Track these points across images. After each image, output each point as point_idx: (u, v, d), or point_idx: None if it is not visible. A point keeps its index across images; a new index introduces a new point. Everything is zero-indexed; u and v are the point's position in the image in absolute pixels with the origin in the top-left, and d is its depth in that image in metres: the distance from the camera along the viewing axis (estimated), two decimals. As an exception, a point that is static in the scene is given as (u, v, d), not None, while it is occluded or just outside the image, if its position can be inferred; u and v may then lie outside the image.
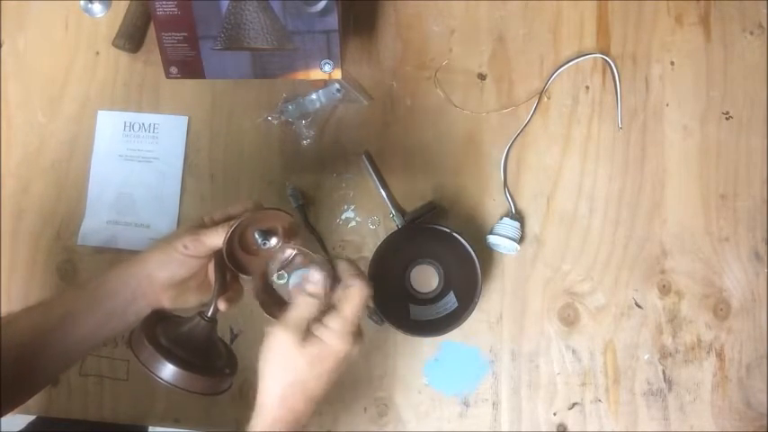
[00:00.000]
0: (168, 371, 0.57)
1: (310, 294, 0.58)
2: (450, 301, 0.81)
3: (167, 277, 0.62)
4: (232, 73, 0.76)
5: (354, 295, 0.58)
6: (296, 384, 0.56)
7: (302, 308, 0.57)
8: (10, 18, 0.89)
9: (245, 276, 0.65)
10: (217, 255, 0.62)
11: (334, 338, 0.56)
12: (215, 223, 0.63)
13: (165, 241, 0.62)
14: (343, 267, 0.60)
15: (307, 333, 0.56)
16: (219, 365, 0.63)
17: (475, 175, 0.85)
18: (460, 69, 0.86)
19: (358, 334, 0.58)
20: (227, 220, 0.62)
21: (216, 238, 0.61)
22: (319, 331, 0.57)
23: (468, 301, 0.77)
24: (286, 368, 0.56)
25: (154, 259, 0.62)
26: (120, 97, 0.87)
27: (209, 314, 0.61)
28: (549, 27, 0.86)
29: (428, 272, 0.84)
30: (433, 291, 0.83)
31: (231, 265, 0.63)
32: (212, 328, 0.62)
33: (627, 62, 0.86)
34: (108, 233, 0.86)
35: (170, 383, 0.57)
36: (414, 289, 0.83)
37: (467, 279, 0.78)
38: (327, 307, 0.58)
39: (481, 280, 0.77)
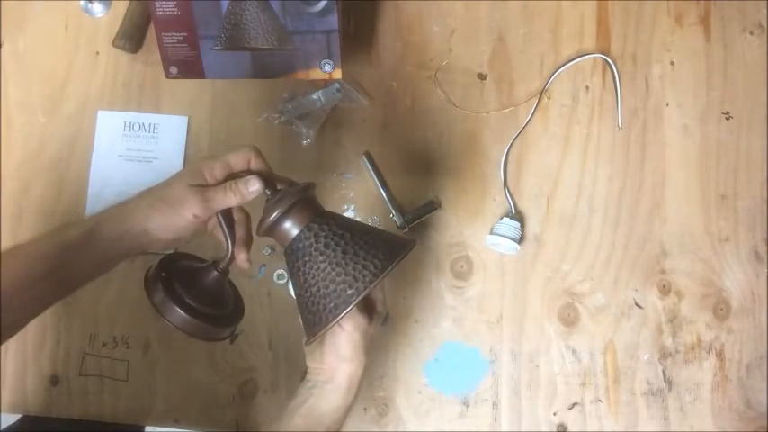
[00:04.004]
0: (177, 316, 0.60)
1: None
2: None
3: (170, 239, 0.61)
4: (232, 73, 0.76)
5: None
6: (364, 369, 0.64)
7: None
8: (10, 18, 0.89)
9: None
10: (224, 210, 0.62)
11: (376, 326, 0.66)
12: (217, 180, 0.61)
13: (166, 203, 0.59)
14: None
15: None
16: (225, 315, 0.65)
17: (475, 175, 0.85)
18: (460, 69, 0.86)
19: None
20: (229, 173, 0.61)
21: (225, 200, 0.60)
22: (375, 316, 0.65)
23: None
24: (365, 347, 0.64)
25: (156, 221, 0.59)
26: (120, 97, 0.87)
27: (223, 266, 0.63)
28: (549, 27, 0.86)
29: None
30: None
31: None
32: (224, 278, 0.64)
33: (627, 62, 0.86)
34: (108, 233, 0.85)
35: (178, 328, 0.60)
36: None
37: None
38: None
39: None
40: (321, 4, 0.71)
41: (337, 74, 0.75)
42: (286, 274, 0.62)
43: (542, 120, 0.85)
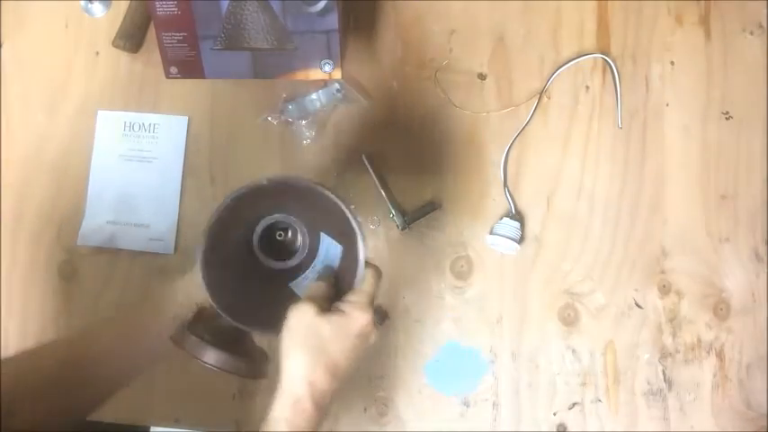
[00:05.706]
0: (213, 356, 0.61)
1: (319, 278, 0.63)
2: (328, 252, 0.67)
3: None
4: (232, 73, 0.76)
5: (369, 275, 0.61)
6: (320, 356, 0.56)
7: (314, 288, 0.61)
8: (10, 18, 0.89)
9: None
10: None
11: (353, 309, 0.58)
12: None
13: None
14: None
15: (327, 307, 0.59)
16: (253, 352, 0.66)
17: (475, 175, 0.85)
18: (460, 69, 0.86)
19: (373, 312, 0.60)
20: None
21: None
22: (340, 305, 0.59)
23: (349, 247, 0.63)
24: (308, 339, 0.57)
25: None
26: (120, 97, 0.87)
27: None
28: (549, 27, 0.86)
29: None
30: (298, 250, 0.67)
31: None
32: None
33: (627, 62, 0.86)
34: (108, 233, 0.86)
35: (217, 367, 0.61)
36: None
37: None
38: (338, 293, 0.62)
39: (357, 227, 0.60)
40: (321, 4, 0.70)
41: (337, 74, 0.75)
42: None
43: (542, 120, 0.85)
